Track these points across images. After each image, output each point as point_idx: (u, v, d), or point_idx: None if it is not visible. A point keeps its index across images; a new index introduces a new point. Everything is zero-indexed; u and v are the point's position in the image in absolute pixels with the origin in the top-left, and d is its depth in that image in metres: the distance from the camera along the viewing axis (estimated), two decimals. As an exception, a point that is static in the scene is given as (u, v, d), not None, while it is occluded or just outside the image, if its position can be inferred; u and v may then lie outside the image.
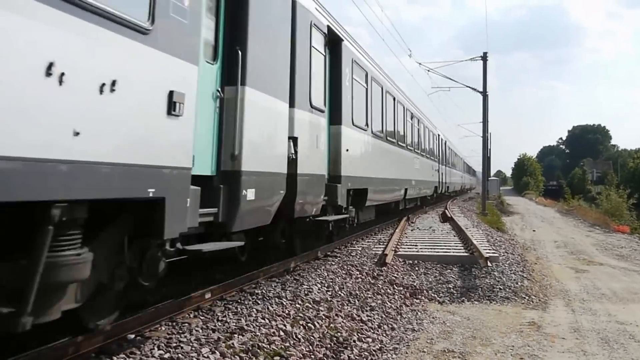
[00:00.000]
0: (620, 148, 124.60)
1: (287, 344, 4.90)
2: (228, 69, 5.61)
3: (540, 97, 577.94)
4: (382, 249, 10.63)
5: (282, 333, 5.11)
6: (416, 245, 11.94)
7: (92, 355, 4.06)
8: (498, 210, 33.13)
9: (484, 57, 26.92)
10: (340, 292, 7.10)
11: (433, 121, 26.55)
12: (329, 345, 5.29)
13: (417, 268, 9.73)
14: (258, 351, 4.53)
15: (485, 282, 8.86)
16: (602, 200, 40.41)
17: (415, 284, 8.67)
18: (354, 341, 5.54)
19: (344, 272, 8.26)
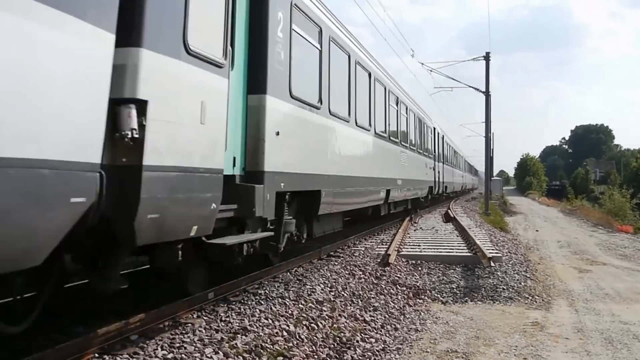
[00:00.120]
0: (623, 148, 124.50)
1: (290, 344, 4.90)
2: None
3: (542, 97, 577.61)
4: (385, 249, 10.63)
5: (285, 333, 5.11)
6: (419, 245, 11.93)
7: (96, 355, 4.06)
8: (501, 210, 33.07)
9: (487, 57, 26.91)
10: (343, 293, 7.10)
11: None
12: (332, 345, 5.28)
13: (420, 268, 9.73)
14: (261, 351, 4.54)
15: (488, 282, 8.85)
16: (605, 200, 40.26)
17: (418, 284, 8.67)
18: (357, 341, 5.53)
19: (347, 273, 8.26)
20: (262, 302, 6.02)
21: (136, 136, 3.98)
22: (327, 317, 5.93)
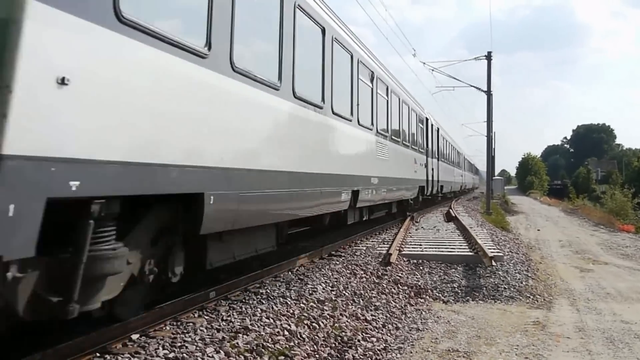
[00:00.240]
0: (624, 147, 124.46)
1: (292, 344, 4.91)
2: None
3: (544, 97, 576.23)
4: (387, 249, 10.63)
5: (287, 332, 5.11)
6: (420, 244, 11.93)
7: (97, 355, 4.06)
8: (502, 209, 33.02)
9: (488, 57, 26.86)
10: (344, 292, 7.10)
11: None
12: (334, 344, 5.29)
13: (422, 267, 9.73)
14: (263, 351, 4.54)
15: (489, 282, 8.85)
16: (607, 199, 40.27)
17: (419, 284, 8.67)
18: (359, 340, 5.54)
19: (349, 272, 8.25)
20: (264, 302, 6.02)
21: None
22: (329, 317, 5.93)
